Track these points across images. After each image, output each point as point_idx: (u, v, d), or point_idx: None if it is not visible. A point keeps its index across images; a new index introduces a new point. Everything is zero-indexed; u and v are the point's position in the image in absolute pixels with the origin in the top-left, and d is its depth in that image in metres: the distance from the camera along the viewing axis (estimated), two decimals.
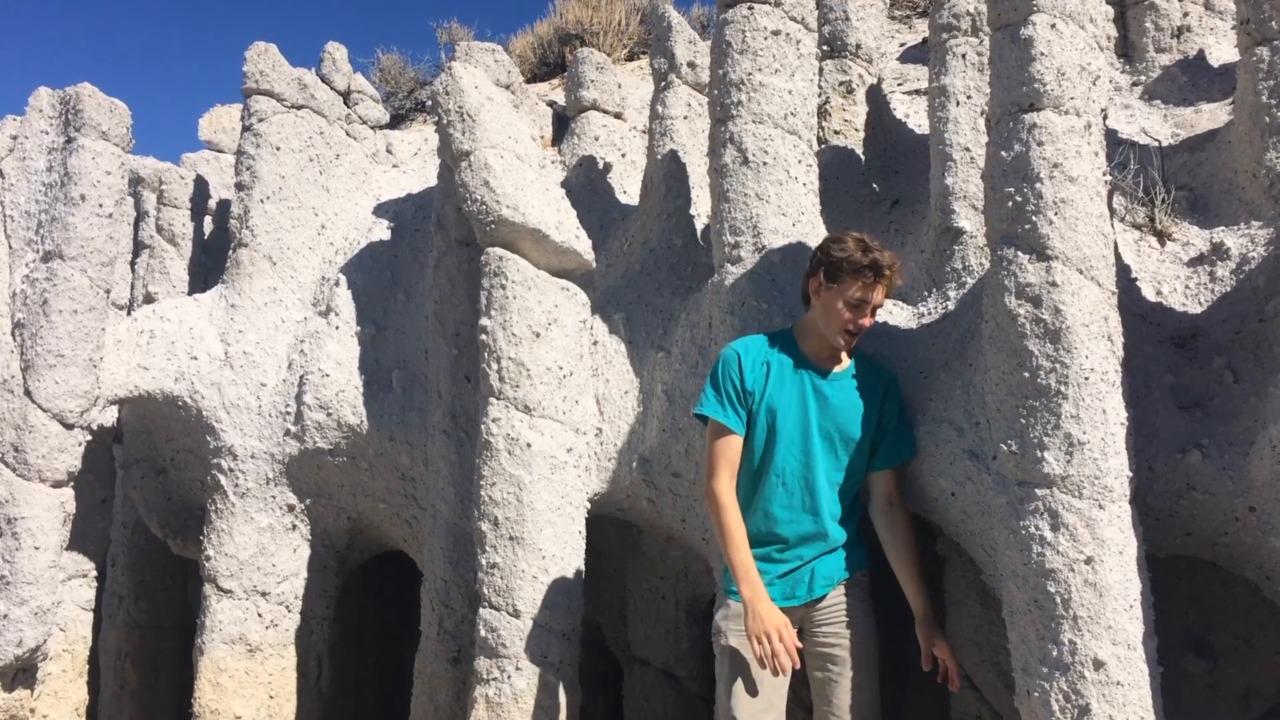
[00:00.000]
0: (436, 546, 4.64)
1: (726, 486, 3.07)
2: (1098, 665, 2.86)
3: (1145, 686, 2.90)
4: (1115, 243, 3.30)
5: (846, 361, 3.26)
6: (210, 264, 6.75)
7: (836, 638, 3.16)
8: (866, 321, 3.13)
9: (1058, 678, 2.90)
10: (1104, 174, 3.18)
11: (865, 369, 3.30)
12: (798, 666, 2.93)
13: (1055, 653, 2.91)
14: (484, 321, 4.25)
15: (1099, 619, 2.88)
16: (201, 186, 7.10)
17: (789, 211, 3.91)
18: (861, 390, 3.24)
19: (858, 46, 5.59)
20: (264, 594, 5.18)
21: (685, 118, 5.28)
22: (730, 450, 3.09)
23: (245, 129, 5.69)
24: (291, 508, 5.28)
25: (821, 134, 5.24)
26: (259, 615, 5.16)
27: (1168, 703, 3.05)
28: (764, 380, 3.12)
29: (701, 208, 4.76)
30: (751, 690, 3.06)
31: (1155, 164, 4.08)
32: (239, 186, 5.63)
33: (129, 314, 6.52)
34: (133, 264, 7.19)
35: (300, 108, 5.78)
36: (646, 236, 4.92)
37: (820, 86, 5.08)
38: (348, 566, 5.69)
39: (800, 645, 3.05)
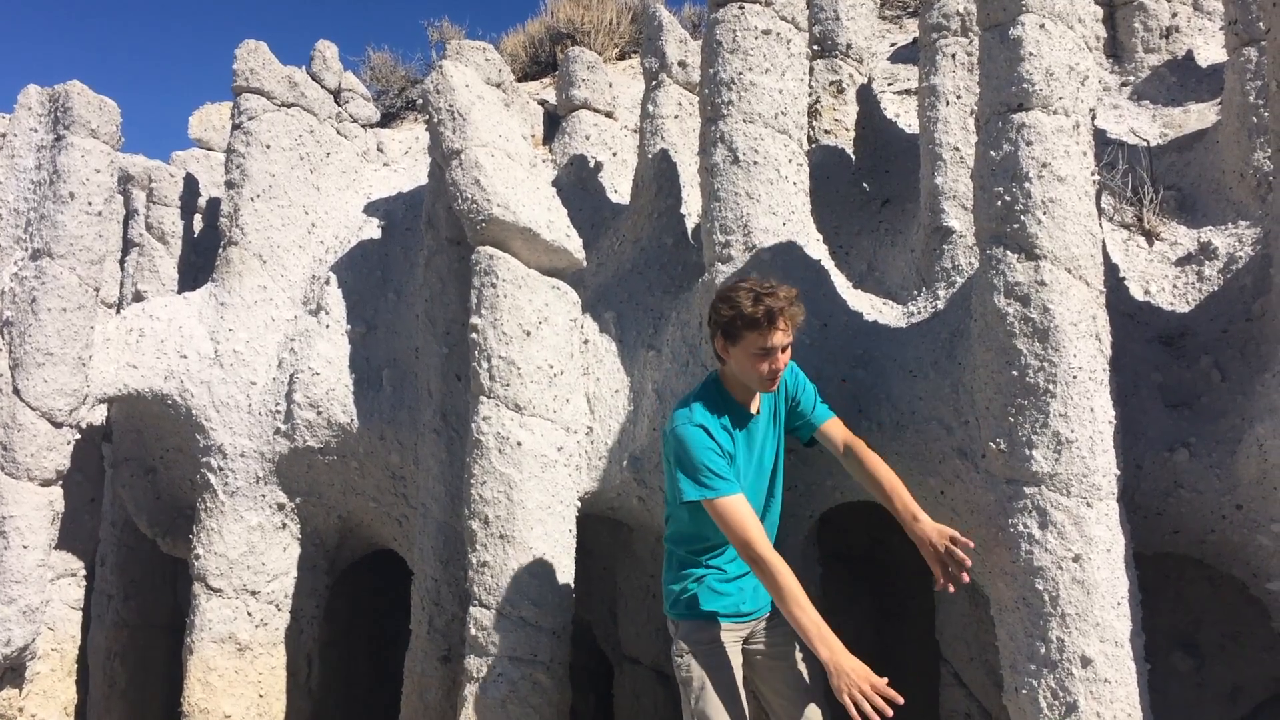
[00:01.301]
0: (427, 545, 4.64)
1: (769, 548, 2.97)
2: (1085, 662, 2.88)
3: (1133, 684, 2.92)
4: (1103, 242, 3.32)
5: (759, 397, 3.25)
6: (200, 262, 6.72)
7: (785, 628, 3.16)
8: (781, 363, 3.05)
9: (1046, 675, 2.92)
10: (1092, 174, 3.20)
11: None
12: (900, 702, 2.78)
13: (1043, 650, 2.93)
14: (474, 320, 4.24)
15: (1087, 616, 2.90)
16: (191, 185, 7.08)
17: (779, 210, 3.92)
18: (775, 411, 3.26)
19: (848, 46, 5.60)
20: (254, 593, 5.17)
21: (676, 117, 5.28)
22: (746, 508, 3.00)
23: (235, 127, 5.68)
24: (281, 506, 5.27)
25: (812, 133, 5.25)
26: (249, 614, 5.15)
27: (1155, 700, 3.07)
28: (730, 442, 3.09)
29: (692, 207, 4.76)
30: (729, 699, 3.08)
31: (1144, 164, 4.10)
32: (229, 185, 5.61)
33: (118, 312, 6.49)
34: (122, 262, 7.15)
35: (290, 106, 5.77)
36: (637, 235, 4.92)
37: (811, 86, 5.09)
38: (338, 565, 5.68)
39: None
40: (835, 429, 3.33)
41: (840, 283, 3.96)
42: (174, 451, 5.67)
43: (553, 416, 4.24)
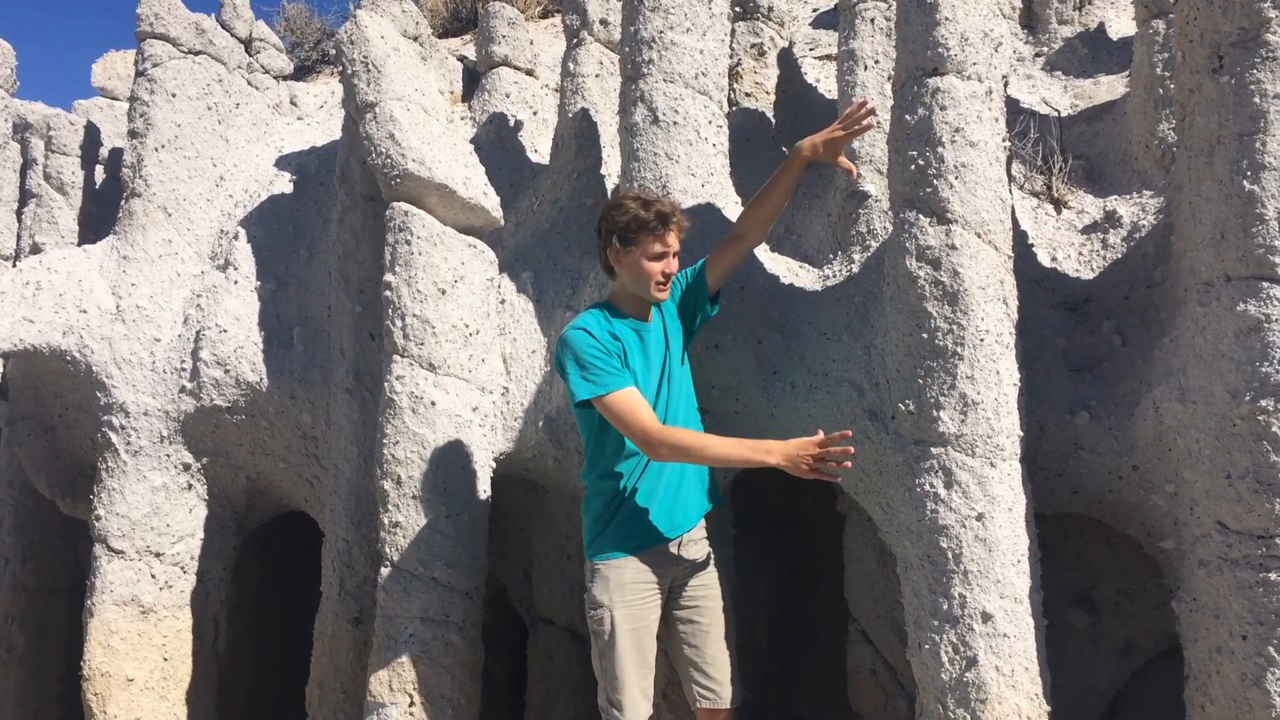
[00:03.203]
0: (338, 506, 4.57)
1: (667, 429, 3.02)
2: (986, 618, 2.95)
3: (1031, 639, 3.00)
4: (1013, 209, 3.37)
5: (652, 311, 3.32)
6: (101, 214, 6.48)
7: (705, 589, 3.27)
8: (672, 268, 3.16)
9: (948, 630, 2.99)
10: (1004, 141, 3.25)
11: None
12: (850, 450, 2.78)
13: (946, 606, 2.99)
14: (388, 278, 4.16)
15: (988, 573, 2.97)
16: (93, 134, 6.81)
17: (698, 172, 3.91)
18: (674, 316, 3.33)
19: (770, 9, 5.59)
20: (158, 555, 5.04)
21: (597, 76, 5.22)
22: (638, 398, 3.03)
23: (139, 74, 5.45)
24: (187, 466, 5.13)
25: (732, 96, 5.24)
26: (152, 576, 5.02)
27: (1052, 654, 3.17)
28: (622, 352, 3.11)
29: (612, 167, 4.72)
30: (635, 657, 3.11)
31: (1054, 133, 4.17)
32: (132, 134, 5.40)
33: (14, 265, 6.23)
34: (19, 214, 6.87)
35: (198, 53, 5.56)
36: (556, 195, 4.87)
37: (732, 48, 5.07)
38: (247, 527, 5.56)
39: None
40: (714, 260, 3.36)
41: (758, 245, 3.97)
42: (74, 410, 5.49)
43: (468, 376, 4.19)
